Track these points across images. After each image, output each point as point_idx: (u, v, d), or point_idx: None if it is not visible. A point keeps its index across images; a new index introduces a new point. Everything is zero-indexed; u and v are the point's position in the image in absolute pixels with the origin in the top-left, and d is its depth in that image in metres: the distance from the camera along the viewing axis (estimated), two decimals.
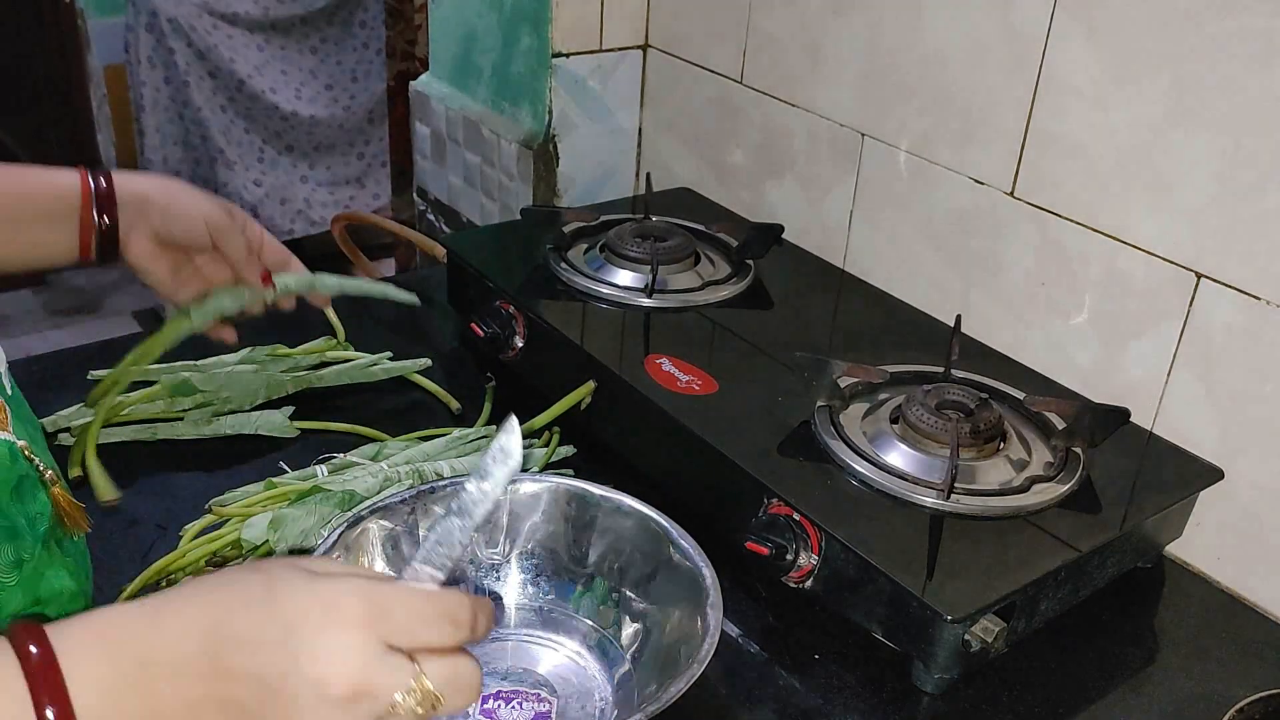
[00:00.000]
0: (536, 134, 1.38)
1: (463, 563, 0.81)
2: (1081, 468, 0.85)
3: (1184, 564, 0.94)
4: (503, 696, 0.74)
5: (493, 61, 1.42)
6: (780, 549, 0.79)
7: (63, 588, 0.66)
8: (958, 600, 0.73)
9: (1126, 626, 0.86)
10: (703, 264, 1.13)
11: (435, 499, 0.80)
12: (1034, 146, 0.99)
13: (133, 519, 0.89)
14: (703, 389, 0.93)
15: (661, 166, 1.41)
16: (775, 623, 0.85)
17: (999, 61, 0.99)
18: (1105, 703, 0.80)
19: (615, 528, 0.80)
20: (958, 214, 1.07)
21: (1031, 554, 0.78)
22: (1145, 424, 0.94)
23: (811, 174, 1.21)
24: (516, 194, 1.41)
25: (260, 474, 0.91)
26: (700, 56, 1.31)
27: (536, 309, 1.03)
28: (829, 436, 0.87)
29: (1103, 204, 0.95)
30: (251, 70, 2.91)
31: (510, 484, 0.80)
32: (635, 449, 0.96)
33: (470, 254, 1.13)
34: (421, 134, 1.57)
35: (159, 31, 2.79)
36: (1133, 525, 0.83)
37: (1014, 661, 0.82)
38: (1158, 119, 0.89)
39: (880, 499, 0.82)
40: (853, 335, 1.06)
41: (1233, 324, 0.88)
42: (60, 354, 1.09)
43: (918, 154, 1.09)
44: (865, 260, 1.17)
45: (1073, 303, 0.99)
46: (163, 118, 2.89)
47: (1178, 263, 0.90)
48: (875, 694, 0.79)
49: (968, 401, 0.88)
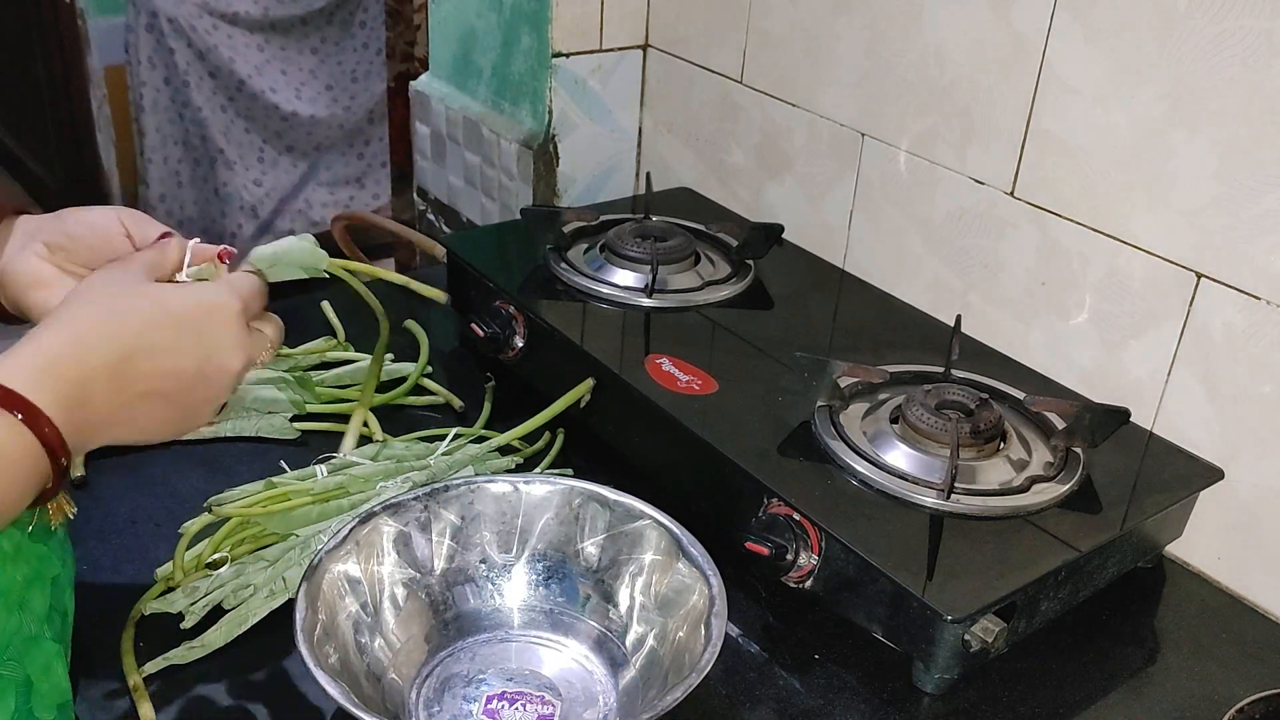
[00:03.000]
0: (536, 134, 1.38)
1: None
2: (1081, 468, 0.85)
3: (1184, 564, 0.94)
4: (507, 697, 0.74)
5: (493, 61, 1.43)
6: (780, 549, 0.79)
7: (54, 572, 0.69)
8: (958, 600, 0.73)
9: (1126, 626, 0.86)
10: (703, 264, 1.13)
11: (446, 497, 0.81)
12: (1034, 146, 0.99)
13: (132, 519, 0.89)
14: (703, 389, 0.93)
15: (661, 166, 1.41)
16: (775, 623, 0.85)
17: (999, 61, 0.99)
18: (1105, 703, 0.80)
19: (626, 532, 0.80)
20: (958, 214, 1.07)
21: (1031, 554, 0.78)
22: (1145, 424, 0.94)
23: (811, 174, 1.21)
24: (516, 194, 1.41)
25: (260, 474, 0.91)
26: (700, 56, 1.31)
27: (536, 309, 1.03)
28: (829, 436, 0.87)
29: (1103, 204, 0.95)
30: (251, 70, 2.91)
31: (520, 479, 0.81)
32: (635, 449, 0.96)
33: (470, 254, 1.13)
34: (421, 134, 1.57)
35: (159, 31, 2.79)
36: (1133, 525, 0.83)
37: (1014, 661, 0.82)
38: (1158, 119, 0.89)
39: (880, 499, 0.82)
40: (853, 335, 1.06)
41: (1233, 324, 0.88)
42: None
43: (918, 154, 1.09)
44: (865, 260, 1.17)
45: (1073, 303, 0.99)
46: (163, 118, 2.90)
47: (1178, 263, 0.90)
48: (875, 694, 0.79)
49: (968, 401, 0.88)
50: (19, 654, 0.64)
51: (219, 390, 0.68)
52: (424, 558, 0.80)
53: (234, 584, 0.81)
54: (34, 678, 0.65)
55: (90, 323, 0.63)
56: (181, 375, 0.65)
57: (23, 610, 0.65)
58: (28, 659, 0.65)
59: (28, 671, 0.65)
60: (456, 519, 0.81)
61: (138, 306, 0.65)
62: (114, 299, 0.65)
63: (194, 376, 0.65)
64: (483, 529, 0.82)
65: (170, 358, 0.64)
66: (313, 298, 1.19)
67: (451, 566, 0.81)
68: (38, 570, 0.68)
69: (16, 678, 0.64)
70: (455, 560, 0.81)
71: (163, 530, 0.87)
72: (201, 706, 0.75)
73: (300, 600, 0.71)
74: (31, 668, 0.65)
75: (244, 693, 0.76)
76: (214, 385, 0.67)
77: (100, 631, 0.77)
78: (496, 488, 0.82)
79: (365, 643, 0.74)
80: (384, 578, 0.78)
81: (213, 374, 0.66)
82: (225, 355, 0.67)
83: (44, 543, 0.69)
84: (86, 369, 0.61)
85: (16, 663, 0.64)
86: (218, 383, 0.67)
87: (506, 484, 0.82)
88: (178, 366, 0.65)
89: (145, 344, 0.64)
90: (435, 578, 0.80)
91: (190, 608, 0.79)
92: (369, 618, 0.76)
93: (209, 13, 2.83)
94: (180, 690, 0.75)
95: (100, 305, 0.65)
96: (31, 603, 0.66)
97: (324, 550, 0.74)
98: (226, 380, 0.68)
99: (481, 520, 0.82)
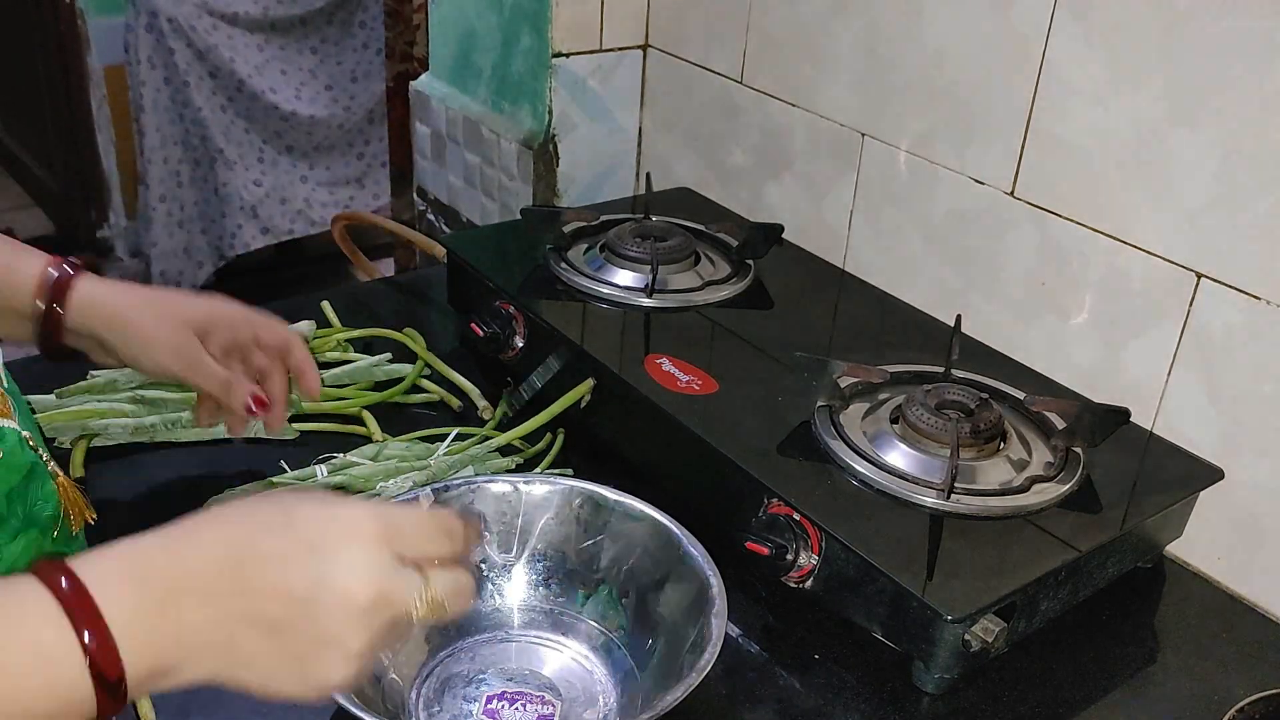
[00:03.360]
0: (536, 134, 1.38)
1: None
2: (1081, 468, 0.85)
3: (1184, 564, 0.94)
4: (507, 697, 0.74)
5: (492, 61, 1.43)
6: (780, 549, 0.79)
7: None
8: (958, 600, 0.73)
9: (1126, 626, 0.86)
10: (703, 264, 1.13)
11: (446, 497, 0.81)
12: (1034, 146, 0.99)
13: (133, 519, 0.89)
14: (703, 389, 0.93)
15: (661, 166, 1.41)
16: (775, 623, 0.85)
17: (999, 61, 0.99)
18: (1105, 703, 0.80)
19: (626, 532, 0.80)
20: (958, 214, 1.07)
21: (1031, 554, 0.78)
22: (1145, 424, 0.94)
23: (811, 174, 1.21)
24: (516, 194, 1.41)
25: (260, 474, 0.91)
26: (700, 56, 1.31)
27: (536, 309, 1.03)
28: (829, 436, 0.87)
29: (1103, 204, 0.95)
30: (251, 70, 2.91)
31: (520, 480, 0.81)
32: (635, 449, 0.96)
33: (470, 254, 1.13)
34: (421, 134, 1.57)
35: (159, 31, 2.79)
36: (1133, 525, 0.83)
37: (1014, 661, 0.82)
38: (1158, 119, 0.89)
39: (880, 499, 0.82)
40: (853, 335, 1.06)
41: (1233, 324, 0.88)
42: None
43: (918, 154, 1.09)
44: (865, 260, 1.17)
45: (1073, 303, 0.99)
46: (163, 118, 2.89)
47: (1178, 263, 0.90)
48: (875, 694, 0.79)
49: (968, 401, 0.88)
50: None
51: (339, 632, 0.51)
52: None
53: None
54: None
55: (200, 521, 0.53)
56: (291, 595, 0.51)
57: None
58: None
59: None
60: None
61: (260, 508, 0.54)
62: (241, 503, 0.54)
63: (305, 601, 0.51)
64: (483, 529, 0.82)
65: (281, 570, 0.51)
66: (312, 299, 1.19)
67: None
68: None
69: None
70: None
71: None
72: (201, 706, 0.75)
73: None
74: None
75: (244, 692, 0.76)
76: (333, 622, 0.51)
77: None
78: (496, 488, 0.82)
79: None
80: None
81: (330, 603, 0.51)
82: (346, 577, 0.51)
83: (67, 549, 0.69)
84: (182, 570, 0.50)
85: None
86: (337, 618, 0.51)
87: (506, 484, 0.82)
88: (287, 582, 0.51)
89: (258, 552, 0.51)
90: None
91: None
92: None
93: (209, 12, 2.83)
94: (180, 689, 0.75)
95: (221, 509, 0.54)
96: None
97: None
98: (347, 617, 0.51)
99: (481, 520, 0.82)
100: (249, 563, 0.51)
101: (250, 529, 0.52)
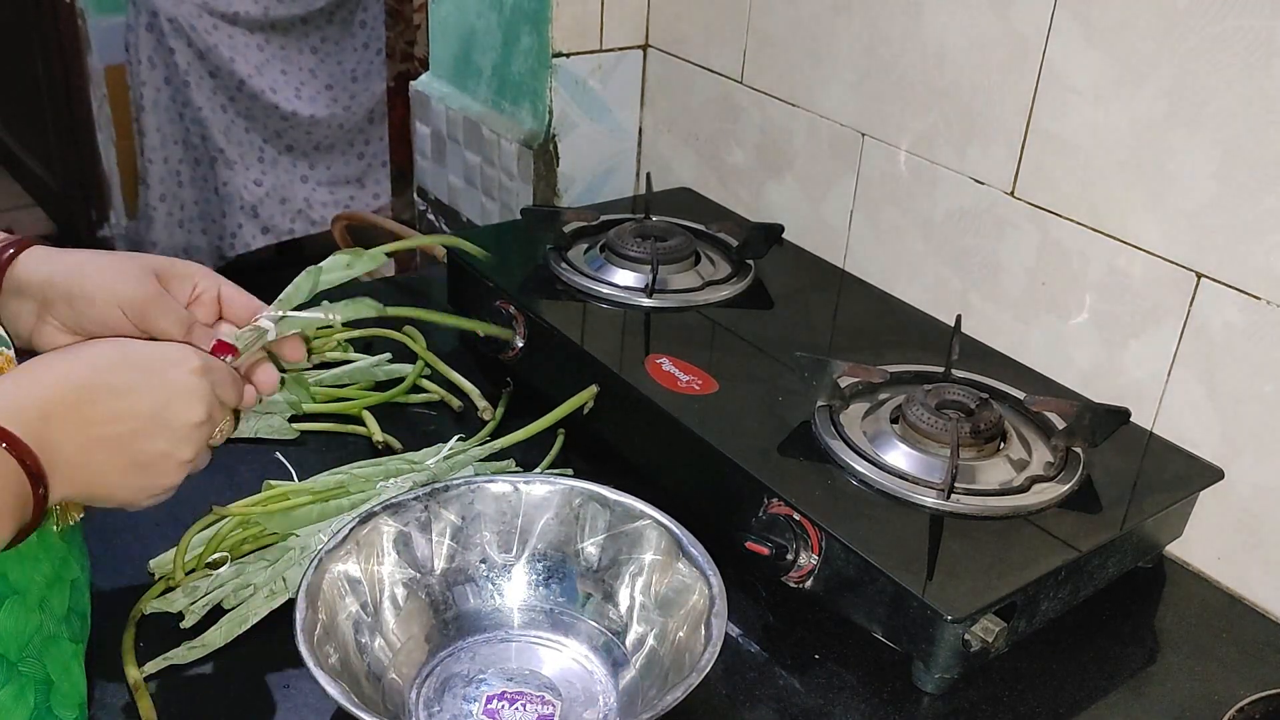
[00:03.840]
0: (536, 134, 1.38)
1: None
2: (1081, 468, 0.86)
3: (1184, 564, 0.94)
4: (507, 697, 0.74)
5: (493, 61, 1.43)
6: (780, 549, 0.79)
7: (73, 575, 0.69)
8: (958, 600, 0.73)
9: (1126, 626, 0.87)
10: (703, 264, 1.13)
11: (446, 497, 0.81)
12: (1034, 146, 0.99)
13: (132, 519, 0.89)
14: (703, 389, 0.93)
15: (661, 166, 1.41)
16: (775, 623, 0.85)
17: (999, 61, 0.99)
18: (1105, 703, 0.80)
19: (626, 532, 0.80)
20: (958, 214, 1.07)
21: (1031, 554, 0.78)
22: (1145, 424, 0.94)
23: (811, 174, 1.21)
24: (516, 194, 1.41)
25: (260, 474, 0.91)
26: (700, 56, 1.31)
27: (536, 309, 1.03)
28: (829, 436, 0.87)
29: (1103, 204, 0.95)
30: (251, 70, 2.91)
31: (520, 479, 0.81)
32: (635, 449, 0.96)
33: (470, 254, 1.13)
34: (421, 134, 1.57)
35: (159, 31, 2.79)
36: (1133, 525, 0.83)
37: (1014, 661, 0.82)
38: (1158, 119, 0.89)
39: (880, 499, 0.82)
40: (853, 335, 1.06)
41: (1233, 324, 0.88)
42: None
43: (918, 154, 1.09)
44: (865, 260, 1.17)
45: (1073, 303, 0.99)
46: (163, 118, 2.90)
47: (1178, 262, 0.90)
48: (875, 694, 0.79)
49: (968, 401, 0.88)
50: (39, 652, 0.65)
51: (178, 442, 0.65)
52: (424, 558, 0.80)
53: (234, 584, 0.81)
54: (54, 677, 0.66)
55: (53, 363, 0.64)
56: (138, 416, 0.63)
57: (43, 610, 0.66)
58: (47, 658, 0.66)
59: (48, 670, 0.65)
60: (457, 519, 0.81)
61: (101, 350, 0.66)
62: (80, 346, 0.66)
63: (150, 420, 0.64)
64: (483, 529, 0.82)
65: (128, 399, 0.63)
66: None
67: (451, 566, 0.81)
68: (58, 571, 0.68)
69: (37, 676, 0.64)
70: (455, 560, 0.81)
71: (163, 530, 0.87)
72: (201, 706, 0.75)
73: (300, 600, 0.71)
74: (51, 667, 0.66)
75: (244, 692, 0.76)
76: (173, 435, 0.65)
77: (101, 631, 0.77)
78: (496, 488, 0.82)
79: (365, 643, 0.74)
80: (384, 578, 0.78)
81: (171, 420, 0.64)
82: (183, 403, 0.65)
83: (65, 544, 0.69)
84: (47, 405, 0.61)
85: (37, 661, 0.65)
86: (176, 433, 0.65)
87: (506, 484, 0.82)
88: (134, 407, 0.63)
89: (104, 383, 0.63)
90: (435, 578, 0.80)
91: (190, 607, 0.79)
92: (369, 618, 0.76)
93: (209, 12, 2.83)
94: (180, 690, 0.75)
95: (66, 351, 0.66)
96: (51, 603, 0.67)
97: (324, 550, 0.74)
98: (184, 432, 0.65)
99: (482, 520, 0.82)
100: (100, 392, 0.63)
101: (98, 365, 0.64)
